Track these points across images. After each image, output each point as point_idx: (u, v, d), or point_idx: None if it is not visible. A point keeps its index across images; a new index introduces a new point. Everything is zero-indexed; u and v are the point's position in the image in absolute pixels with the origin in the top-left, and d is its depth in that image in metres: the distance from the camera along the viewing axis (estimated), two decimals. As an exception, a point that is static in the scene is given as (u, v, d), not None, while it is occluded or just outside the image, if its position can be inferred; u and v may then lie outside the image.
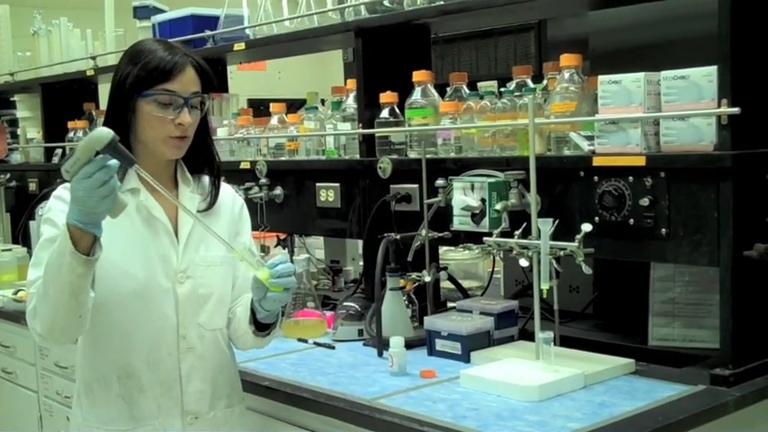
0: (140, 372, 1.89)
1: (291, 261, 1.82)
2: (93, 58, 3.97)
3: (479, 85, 2.73)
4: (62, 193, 1.87)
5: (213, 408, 1.97)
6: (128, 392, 1.89)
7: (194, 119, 1.89)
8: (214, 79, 1.98)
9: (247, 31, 3.16)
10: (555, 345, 2.03)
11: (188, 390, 1.93)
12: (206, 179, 2.03)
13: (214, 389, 1.97)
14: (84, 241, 1.66)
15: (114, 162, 1.62)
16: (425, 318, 2.37)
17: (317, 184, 2.82)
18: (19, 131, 4.63)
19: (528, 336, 2.25)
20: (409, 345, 2.23)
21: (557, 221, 2.03)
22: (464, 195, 2.28)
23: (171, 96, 1.85)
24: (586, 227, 1.98)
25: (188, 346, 1.92)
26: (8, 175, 4.55)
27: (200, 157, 2.00)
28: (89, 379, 1.93)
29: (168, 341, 1.91)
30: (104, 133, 1.63)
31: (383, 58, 2.67)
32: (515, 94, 2.37)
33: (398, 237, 2.46)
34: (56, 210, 1.86)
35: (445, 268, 2.56)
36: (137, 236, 1.89)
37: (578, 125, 2.14)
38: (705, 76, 1.91)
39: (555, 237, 2.02)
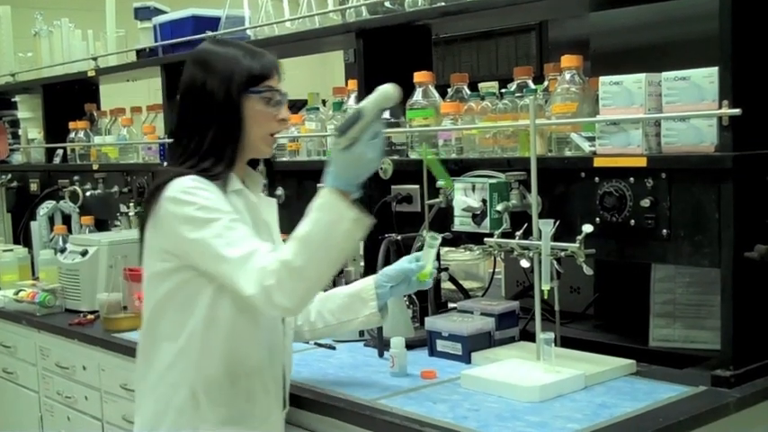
0: (263, 369, 1.92)
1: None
2: (95, 58, 3.97)
3: (480, 85, 2.73)
4: (197, 182, 1.83)
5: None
6: (252, 390, 1.91)
7: None
8: None
9: (248, 31, 3.15)
10: (556, 345, 2.04)
11: (286, 384, 2.01)
12: (257, 175, 2.05)
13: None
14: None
15: (386, 116, 1.60)
16: (426, 318, 2.37)
17: (319, 185, 2.81)
18: (20, 132, 4.63)
19: (529, 336, 2.25)
20: (410, 345, 2.23)
21: (558, 222, 2.03)
22: (465, 196, 2.28)
23: (273, 93, 1.92)
24: (587, 228, 1.98)
25: (286, 342, 2.01)
26: (9, 176, 4.55)
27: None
28: (214, 377, 1.87)
29: (279, 338, 1.97)
30: (391, 89, 1.58)
31: (384, 58, 2.66)
32: (516, 95, 2.36)
33: (399, 237, 2.46)
34: (211, 197, 1.81)
35: (446, 269, 2.56)
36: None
37: (579, 126, 2.15)
38: (706, 77, 1.91)
39: (556, 237, 2.02)
